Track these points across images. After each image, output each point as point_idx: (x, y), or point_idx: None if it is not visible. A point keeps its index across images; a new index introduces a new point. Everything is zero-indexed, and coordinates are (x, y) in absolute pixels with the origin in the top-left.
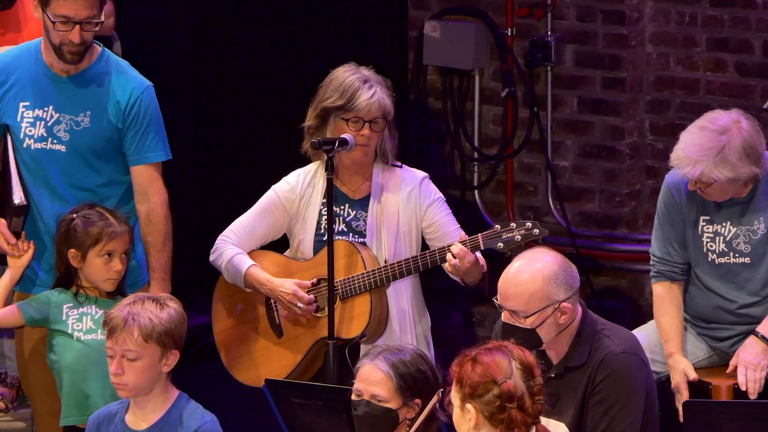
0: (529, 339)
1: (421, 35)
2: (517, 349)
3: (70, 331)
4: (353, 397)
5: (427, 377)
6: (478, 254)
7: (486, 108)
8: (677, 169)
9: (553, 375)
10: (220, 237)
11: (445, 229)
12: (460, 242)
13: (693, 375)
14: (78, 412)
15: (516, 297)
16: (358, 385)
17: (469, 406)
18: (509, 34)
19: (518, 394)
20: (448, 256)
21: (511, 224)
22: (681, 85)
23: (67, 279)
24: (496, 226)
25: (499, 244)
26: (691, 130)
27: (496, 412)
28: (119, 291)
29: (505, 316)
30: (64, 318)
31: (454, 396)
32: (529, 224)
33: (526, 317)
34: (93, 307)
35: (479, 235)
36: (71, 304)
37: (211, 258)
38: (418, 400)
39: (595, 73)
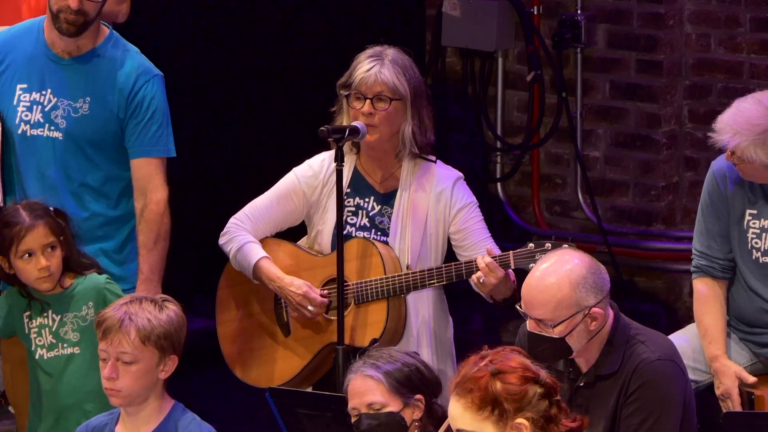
0: (557, 349)
1: (440, 14)
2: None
3: (33, 348)
4: (353, 419)
5: (419, 369)
6: (509, 270)
7: (510, 93)
8: (714, 135)
9: (582, 384)
10: (232, 220)
11: (474, 237)
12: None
13: (751, 378)
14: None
15: (542, 305)
16: (352, 402)
17: (520, 421)
18: (535, 12)
19: (557, 387)
20: (481, 263)
21: (547, 244)
22: (723, 68)
23: (12, 281)
24: (530, 244)
25: (531, 264)
26: (747, 99)
27: (545, 413)
28: (77, 271)
29: (530, 325)
30: (26, 331)
31: (485, 426)
32: (565, 245)
33: (554, 326)
34: (50, 314)
35: (511, 252)
36: (29, 313)
37: (221, 241)
38: (419, 396)
39: (629, 55)
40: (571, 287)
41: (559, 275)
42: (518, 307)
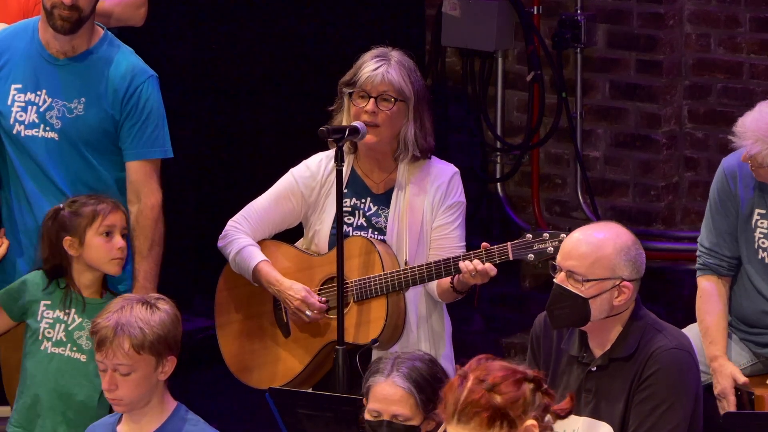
0: (577, 311)
1: (440, 14)
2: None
3: (40, 337)
4: (369, 417)
5: (443, 384)
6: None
7: (510, 93)
8: (735, 139)
9: (594, 369)
10: (230, 222)
11: (446, 242)
12: (488, 250)
13: (742, 378)
14: (26, 425)
15: (582, 257)
16: (375, 405)
17: (530, 422)
18: (535, 12)
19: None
20: (468, 266)
21: (544, 234)
22: (723, 68)
23: (56, 273)
24: (528, 235)
25: (530, 255)
26: None
27: (541, 404)
28: (109, 290)
29: (559, 278)
30: (39, 318)
31: None
32: (563, 235)
33: (585, 281)
34: (72, 312)
35: (509, 244)
36: (49, 302)
37: (220, 244)
38: (438, 410)
39: (629, 55)
40: (614, 249)
41: (607, 235)
42: (551, 262)
